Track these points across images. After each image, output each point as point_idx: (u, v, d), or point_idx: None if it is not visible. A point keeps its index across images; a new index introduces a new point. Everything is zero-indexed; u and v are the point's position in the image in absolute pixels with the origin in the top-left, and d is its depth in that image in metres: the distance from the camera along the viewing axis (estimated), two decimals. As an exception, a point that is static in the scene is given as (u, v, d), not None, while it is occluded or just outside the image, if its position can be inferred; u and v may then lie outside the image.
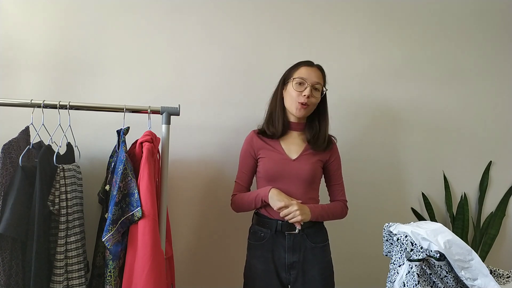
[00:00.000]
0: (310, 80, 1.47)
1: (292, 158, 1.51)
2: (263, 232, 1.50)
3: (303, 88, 1.47)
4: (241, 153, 1.60)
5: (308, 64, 1.52)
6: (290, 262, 1.47)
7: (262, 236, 1.50)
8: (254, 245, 1.53)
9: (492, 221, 2.06)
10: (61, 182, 1.37)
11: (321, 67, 1.55)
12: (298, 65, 1.53)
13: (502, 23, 2.13)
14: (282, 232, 1.47)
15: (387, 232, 1.39)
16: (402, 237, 1.29)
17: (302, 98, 1.46)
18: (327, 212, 1.51)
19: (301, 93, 1.47)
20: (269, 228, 1.49)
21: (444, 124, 2.07)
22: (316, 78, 1.49)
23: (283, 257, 1.47)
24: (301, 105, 1.47)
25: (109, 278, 1.32)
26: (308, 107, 1.48)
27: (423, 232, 1.22)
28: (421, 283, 1.21)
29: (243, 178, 1.58)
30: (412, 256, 1.24)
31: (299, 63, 1.54)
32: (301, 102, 1.46)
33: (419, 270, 1.21)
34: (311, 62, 1.54)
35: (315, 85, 1.48)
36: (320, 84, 1.50)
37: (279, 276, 1.48)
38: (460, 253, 1.18)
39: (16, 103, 1.41)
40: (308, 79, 1.47)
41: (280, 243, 1.48)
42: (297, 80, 1.48)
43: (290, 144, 1.55)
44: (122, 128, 1.44)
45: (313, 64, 1.54)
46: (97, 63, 1.77)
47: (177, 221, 1.80)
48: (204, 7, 1.87)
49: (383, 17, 2.02)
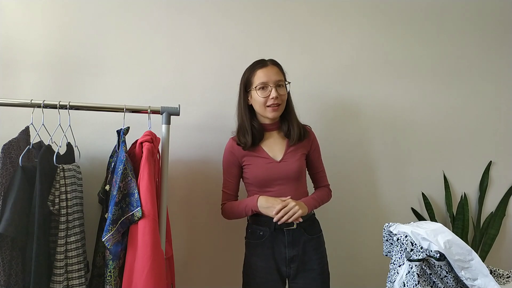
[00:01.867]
0: (272, 81, 1.45)
1: (277, 160, 1.51)
2: (262, 231, 1.50)
3: (268, 92, 1.45)
4: (223, 162, 1.59)
5: (263, 65, 1.48)
6: (290, 256, 1.48)
7: (261, 234, 1.50)
8: (253, 243, 1.53)
9: (492, 221, 2.06)
10: (61, 182, 1.37)
11: (275, 62, 1.52)
12: (253, 70, 1.49)
13: (503, 23, 2.13)
14: (281, 228, 1.48)
15: (387, 232, 1.39)
16: (402, 237, 1.29)
17: (271, 100, 1.45)
18: (318, 201, 1.55)
19: (268, 97, 1.45)
20: (267, 226, 1.49)
21: (444, 124, 2.07)
22: (276, 76, 1.47)
23: (283, 252, 1.48)
24: (273, 108, 1.46)
25: (109, 278, 1.32)
26: (279, 106, 1.48)
27: (423, 232, 1.22)
28: (421, 283, 1.22)
29: (229, 187, 1.58)
30: (412, 256, 1.24)
31: (253, 68, 1.50)
32: (271, 105, 1.46)
33: (419, 270, 1.21)
34: (264, 61, 1.51)
35: (278, 83, 1.47)
36: (282, 80, 1.49)
37: (279, 271, 1.49)
38: (460, 253, 1.18)
39: (16, 103, 1.41)
40: (269, 81, 1.45)
41: (280, 239, 1.49)
42: (259, 85, 1.46)
43: (271, 145, 1.54)
44: (122, 128, 1.44)
45: (267, 63, 1.50)
46: (97, 63, 1.77)
47: (177, 221, 1.80)
48: (204, 7, 1.87)
49: (383, 17, 2.02)
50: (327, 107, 1.94)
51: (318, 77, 1.94)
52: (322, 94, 1.92)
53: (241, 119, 1.55)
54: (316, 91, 1.91)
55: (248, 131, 1.51)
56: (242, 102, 1.54)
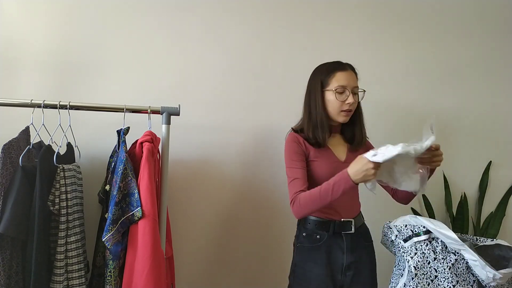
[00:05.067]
0: (350, 87, 1.43)
1: (342, 160, 1.49)
2: (319, 234, 1.44)
3: (345, 97, 1.43)
4: (289, 152, 1.46)
5: (343, 69, 1.46)
6: (348, 263, 1.43)
7: (319, 238, 1.44)
8: (309, 247, 1.46)
9: (492, 221, 2.06)
10: (61, 182, 1.37)
11: (353, 68, 1.51)
12: (333, 71, 1.45)
13: (503, 22, 2.13)
14: (339, 232, 1.44)
15: (386, 228, 1.42)
16: (402, 227, 1.35)
17: (346, 106, 1.42)
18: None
19: (344, 102, 1.42)
20: (325, 230, 1.44)
21: (444, 124, 2.07)
22: (354, 82, 1.45)
23: (340, 258, 1.43)
24: (346, 113, 1.44)
25: (109, 278, 1.32)
26: (351, 111, 1.46)
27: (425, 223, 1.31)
28: (419, 276, 1.22)
29: (302, 174, 1.41)
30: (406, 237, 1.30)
31: (333, 68, 1.47)
32: (346, 110, 1.43)
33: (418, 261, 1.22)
34: (343, 65, 1.48)
35: (355, 89, 1.45)
36: (358, 87, 1.47)
37: (333, 279, 1.43)
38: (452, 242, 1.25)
39: (16, 103, 1.41)
40: (348, 86, 1.43)
41: (338, 244, 1.44)
42: (339, 89, 1.42)
43: (336, 146, 1.52)
44: (122, 128, 1.44)
45: (347, 67, 1.48)
46: (97, 63, 1.77)
47: (177, 221, 1.80)
48: (205, 7, 1.86)
49: (383, 17, 2.02)
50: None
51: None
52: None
53: (318, 115, 1.46)
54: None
55: (325, 128, 1.45)
56: (319, 99, 1.46)
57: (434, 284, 1.25)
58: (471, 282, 1.26)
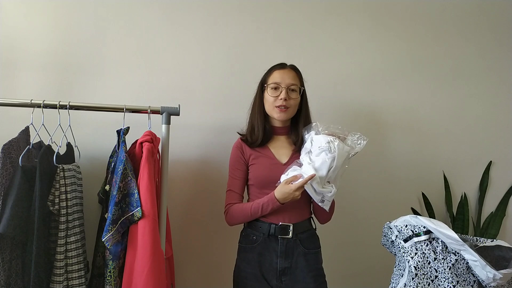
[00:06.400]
0: (284, 83, 1.47)
1: (282, 162, 1.50)
2: (255, 235, 1.47)
3: (278, 92, 1.47)
4: (230, 160, 1.56)
5: (281, 67, 1.51)
6: (282, 268, 1.43)
7: (254, 239, 1.47)
8: (245, 248, 1.51)
9: (492, 221, 2.06)
10: (61, 182, 1.37)
11: (294, 67, 1.54)
12: (271, 70, 1.52)
13: (503, 23, 2.13)
14: (275, 236, 1.45)
15: (386, 228, 1.42)
16: (403, 227, 1.34)
17: (279, 101, 1.46)
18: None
19: (277, 97, 1.46)
20: (261, 232, 1.46)
21: (444, 124, 2.07)
22: (290, 80, 1.48)
23: (274, 262, 1.44)
24: (280, 109, 1.47)
25: (109, 278, 1.32)
26: (288, 109, 1.47)
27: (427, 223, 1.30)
28: (420, 276, 1.22)
29: (236, 185, 1.52)
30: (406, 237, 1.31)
31: (271, 68, 1.53)
32: (279, 106, 1.46)
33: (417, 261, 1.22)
34: (283, 64, 1.53)
35: (290, 86, 1.47)
36: (296, 85, 1.49)
37: (269, 283, 1.44)
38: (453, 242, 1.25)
39: (16, 103, 1.41)
40: (282, 83, 1.47)
41: (272, 247, 1.45)
42: (272, 85, 1.48)
43: (278, 148, 1.53)
44: (122, 128, 1.44)
45: (286, 66, 1.53)
46: (97, 63, 1.77)
47: (177, 221, 1.80)
48: (204, 7, 1.86)
49: (382, 17, 2.02)
50: (324, 108, 1.93)
51: (317, 77, 1.93)
52: (320, 95, 1.91)
53: (254, 116, 1.54)
54: (314, 92, 1.90)
55: (260, 129, 1.51)
56: (257, 100, 1.54)
57: (434, 284, 1.25)
58: (471, 282, 1.26)
